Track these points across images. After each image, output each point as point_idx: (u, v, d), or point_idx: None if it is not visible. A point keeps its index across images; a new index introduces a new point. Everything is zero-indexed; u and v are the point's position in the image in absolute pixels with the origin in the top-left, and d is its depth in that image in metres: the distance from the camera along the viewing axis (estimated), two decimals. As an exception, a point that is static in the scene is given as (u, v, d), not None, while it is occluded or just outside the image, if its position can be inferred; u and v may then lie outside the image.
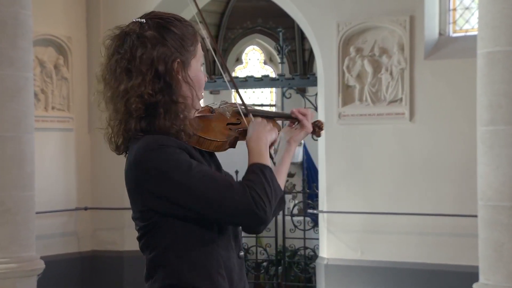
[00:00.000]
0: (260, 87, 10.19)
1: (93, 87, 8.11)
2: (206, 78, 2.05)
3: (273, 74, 13.10)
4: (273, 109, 14.08)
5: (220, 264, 1.96)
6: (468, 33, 7.26)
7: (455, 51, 7.06)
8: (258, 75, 9.50)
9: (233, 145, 2.11)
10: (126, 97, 1.91)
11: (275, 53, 12.04)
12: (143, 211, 1.94)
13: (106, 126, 1.98)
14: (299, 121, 2.28)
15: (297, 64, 13.46)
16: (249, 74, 9.63)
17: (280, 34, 8.61)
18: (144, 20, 1.96)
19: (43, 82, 7.71)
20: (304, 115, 2.27)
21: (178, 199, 1.88)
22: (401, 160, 7.12)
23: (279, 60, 8.76)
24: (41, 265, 5.73)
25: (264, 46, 14.23)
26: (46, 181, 7.49)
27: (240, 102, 2.19)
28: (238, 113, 2.17)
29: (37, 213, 5.93)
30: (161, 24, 1.95)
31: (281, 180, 2.20)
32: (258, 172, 1.95)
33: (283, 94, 8.43)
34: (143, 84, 1.90)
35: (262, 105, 14.05)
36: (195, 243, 1.94)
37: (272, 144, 2.11)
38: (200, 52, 2.02)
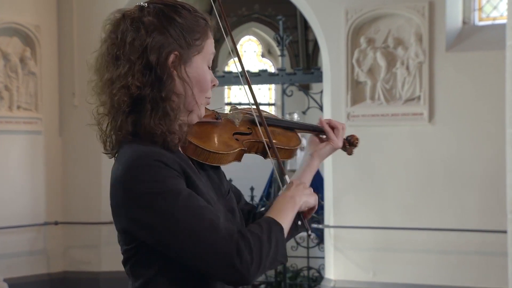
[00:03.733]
0: (257, 83, 10.18)
1: (65, 84, 8.14)
2: (216, 83, 2.02)
3: (272, 69, 13.11)
4: (273, 109, 14.10)
5: None
6: (496, 22, 7.27)
7: (481, 42, 7.07)
8: (255, 69, 9.50)
9: (238, 158, 2.09)
10: (111, 87, 1.91)
11: (274, 44, 12.05)
12: (125, 233, 1.91)
13: (96, 122, 1.98)
14: (325, 133, 2.31)
15: (299, 57, 13.48)
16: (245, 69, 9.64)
17: (280, 22, 8.62)
18: (146, 4, 1.96)
19: (7, 77, 7.71)
20: (334, 127, 2.33)
21: (152, 229, 1.84)
22: (419, 167, 7.13)
23: (279, 53, 8.76)
24: (5, 288, 5.72)
25: (261, 36, 14.25)
26: (10, 191, 7.47)
27: (254, 107, 2.14)
28: (251, 121, 2.16)
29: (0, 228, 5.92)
30: (163, 11, 1.95)
31: None
32: (263, 226, 1.88)
33: (284, 92, 8.43)
34: (130, 73, 1.90)
35: (260, 105, 14.07)
36: (185, 277, 1.90)
37: (310, 212, 2.03)
38: (209, 50, 2.00)
